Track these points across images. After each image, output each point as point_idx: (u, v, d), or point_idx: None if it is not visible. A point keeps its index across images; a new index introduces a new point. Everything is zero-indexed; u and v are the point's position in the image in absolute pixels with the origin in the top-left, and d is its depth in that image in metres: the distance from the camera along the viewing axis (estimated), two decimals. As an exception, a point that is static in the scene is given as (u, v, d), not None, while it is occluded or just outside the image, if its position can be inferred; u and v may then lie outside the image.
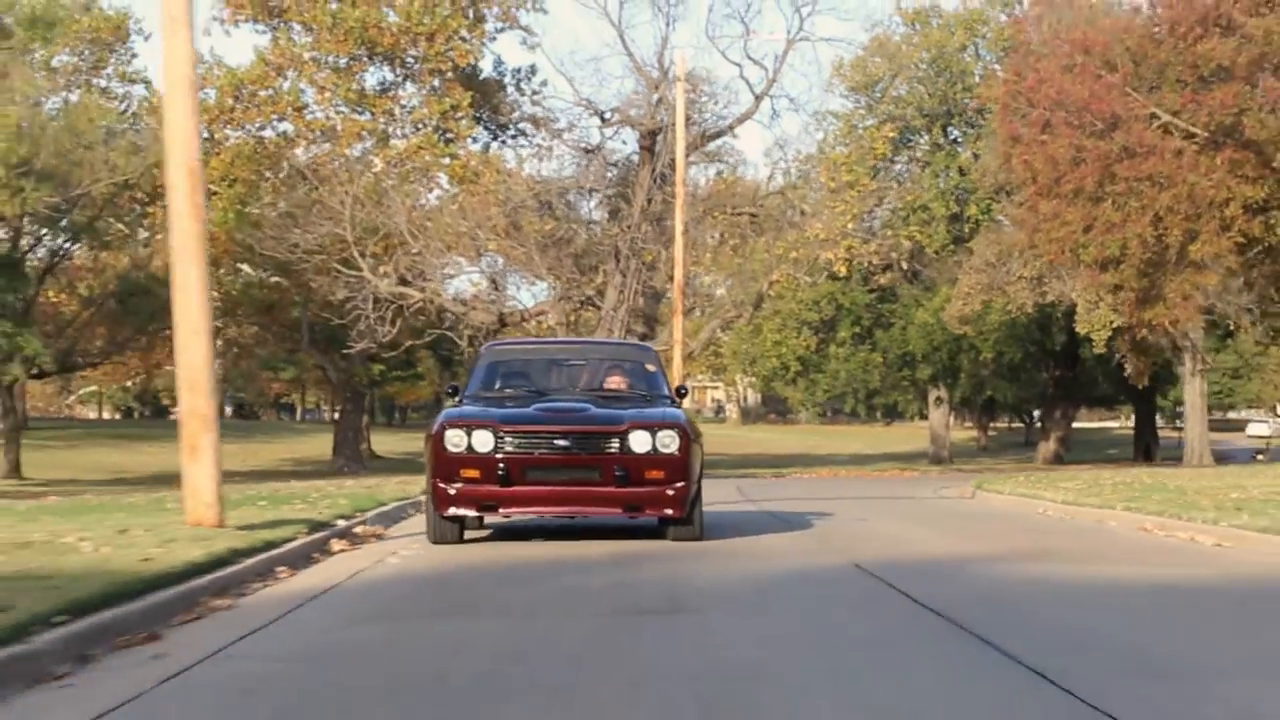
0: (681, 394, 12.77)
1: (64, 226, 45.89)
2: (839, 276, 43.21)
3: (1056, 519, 15.54)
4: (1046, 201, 27.40)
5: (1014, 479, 25.06)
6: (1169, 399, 67.12)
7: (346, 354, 44.18)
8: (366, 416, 64.78)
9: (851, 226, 39.04)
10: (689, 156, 35.84)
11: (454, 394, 12.60)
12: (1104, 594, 8.27)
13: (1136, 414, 59.68)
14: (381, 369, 57.82)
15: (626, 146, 42.13)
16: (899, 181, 51.63)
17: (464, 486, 10.88)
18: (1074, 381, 55.91)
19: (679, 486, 10.93)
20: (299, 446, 68.34)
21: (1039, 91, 27.31)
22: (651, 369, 13.19)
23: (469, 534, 11.76)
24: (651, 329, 42.78)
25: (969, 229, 49.43)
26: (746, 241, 40.57)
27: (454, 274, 43.17)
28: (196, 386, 10.13)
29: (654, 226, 39.32)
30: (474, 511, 11.26)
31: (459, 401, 12.13)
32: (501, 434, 10.87)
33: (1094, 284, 30.17)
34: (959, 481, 26.41)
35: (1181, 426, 52.60)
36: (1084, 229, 26.83)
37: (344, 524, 12.10)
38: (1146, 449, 55.12)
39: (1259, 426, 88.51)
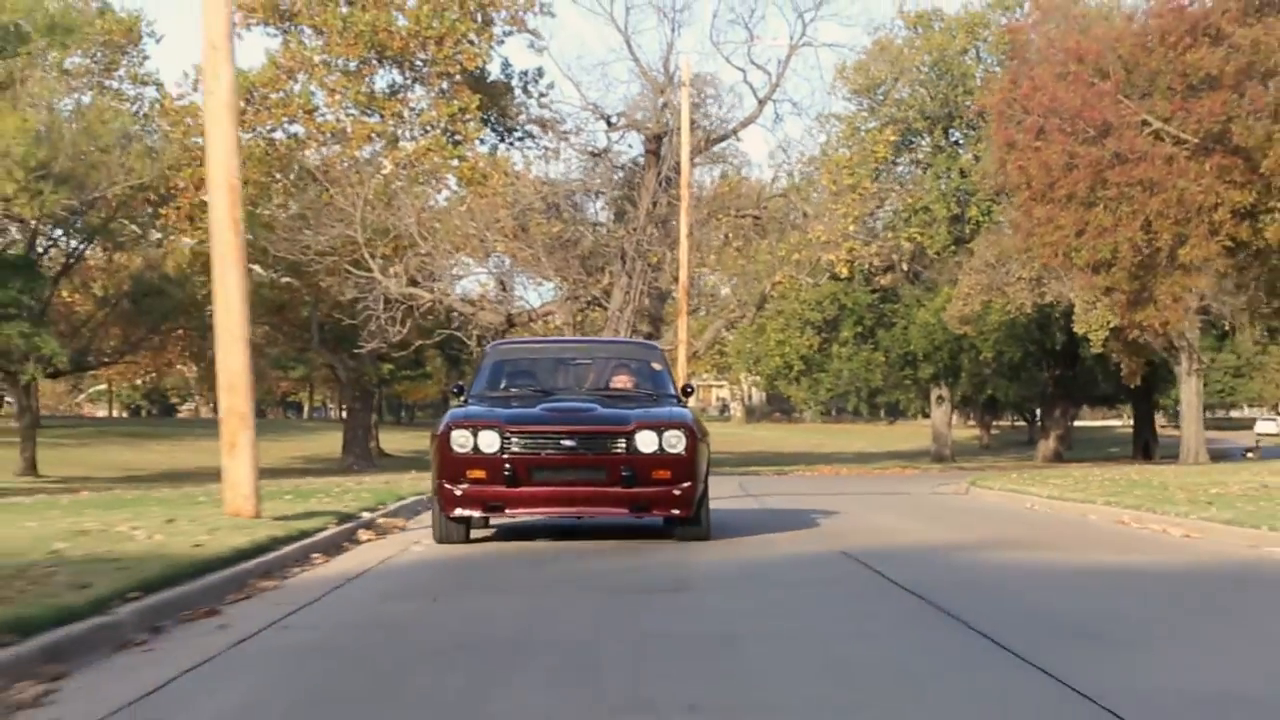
0: (688, 393, 12.66)
1: (78, 228, 46.62)
2: (841, 277, 43.93)
3: (1042, 513, 16.32)
4: (1040, 206, 28.21)
5: (1006, 476, 25.88)
6: (1171, 398, 67.75)
7: (357, 353, 44.82)
8: (375, 415, 65.58)
9: (853, 229, 39.67)
10: (694, 159, 36.53)
11: (459, 393, 12.43)
12: (1066, 577, 9.12)
13: (1135, 413, 60.36)
14: (391, 368, 58.46)
15: (632, 149, 42.75)
16: (901, 183, 52.38)
17: (470, 487, 10.83)
18: (1073, 381, 56.63)
19: (686, 486, 10.83)
20: (308, 444, 68.94)
21: (1033, 99, 28.13)
22: (657, 368, 13.04)
23: (474, 533, 11.81)
24: (657, 329, 43.36)
25: (970, 230, 50.20)
26: (750, 243, 41.22)
27: (462, 275, 43.83)
28: (236, 389, 10.98)
29: (659, 228, 39.91)
30: (480, 512, 11.16)
31: (465, 401, 11.99)
32: (507, 434, 10.78)
33: (1087, 286, 30.96)
34: (957, 479, 27.15)
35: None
36: (1076, 233, 27.64)
37: (368, 516, 12.96)
38: (1145, 447, 55.76)
39: (1267, 424, 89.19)
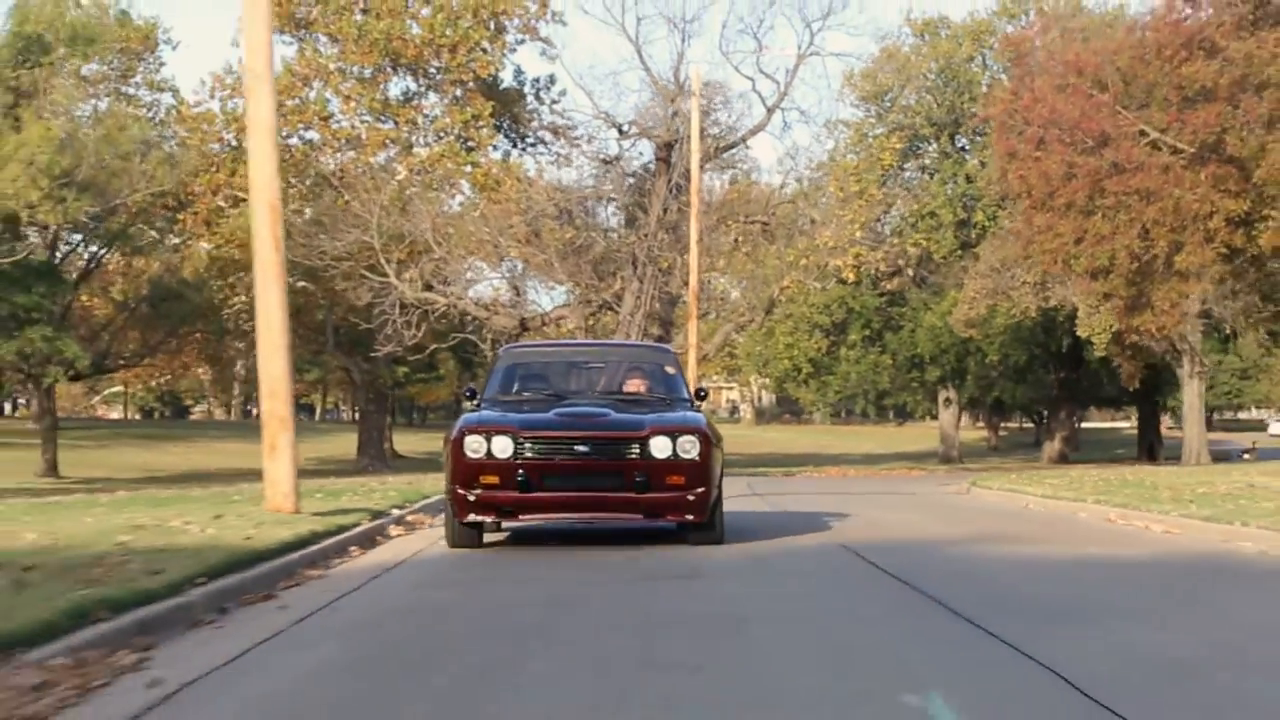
0: (701, 396, 12.58)
1: (98, 233, 47.37)
2: (848, 282, 44.67)
3: (1036, 511, 17.12)
4: (1040, 214, 29.00)
5: (1006, 476, 26.67)
6: (1176, 400, 68.37)
7: (372, 357, 45.53)
8: (388, 417, 66.33)
9: (860, 234, 40.40)
10: (704, 166, 37.26)
11: (472, 397, 12.32)
12: (1045, 567, 9.95)
13: (1140, 415, 61.01)
14: (405, 371, 59.22)
15: (643, 156, 43.51)
16: (907, 188, 53.14)
17: (483, 492, 10.80)
18: (1078, 383, 57.31)
19: (700, 492, 10.82)
20: (322, 446, 69.58)
21: (1034, 110, 28.91)
22: (671, 371, 13.04)
23: (486, 537, 11.80)
24: (667, 332, 44.02)
25: (976, 235, 50.90)
26: (759, 247, 41.93)
27: (476, 279, 44.56)
28: (276, 394, 11.81)
29: (670, 234, 40.58)
30: (493, 517, 11.09)
31: (477, 405, 11.94)
32: (521, 440, 10.77)
33: (1086, 292, 31.74)
34: (961, 479, 27.94)
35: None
36: (1075, 240, 28.42)
37: (397, 513, 13.80)
38: (1150, 449, 56.41)
39: (1278, 425, 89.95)
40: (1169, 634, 6.61)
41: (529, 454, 10.75)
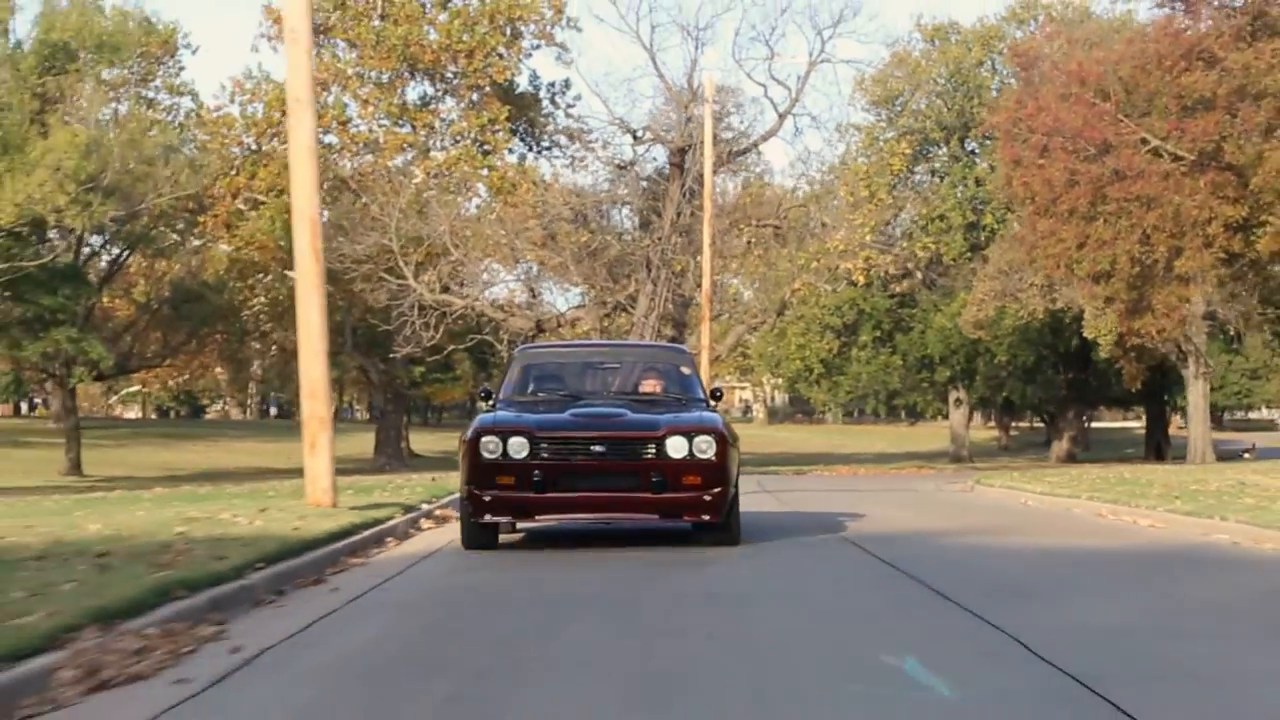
0: (716, 397, 12.53)
1: (121, 236, 48.21)
2: (858, 284, 45.44)
3: (1033, 507, 17.95)
4: (1044, 220, 29.83)
5: (1008, 474, 27.47)
6: (1185, 399, 68.90)
7: (390, 357, 46.28)
8: (405, 416, 67.12)
9: (870, 238, 41.11)
10: (716, 171, 38.02)
11: (487, 397, 12.35)
12: (1027, 555, 10.80)
13: (1148, 415, 61.69)
14: (422, 371, 59.99)
15: (657, 160, 44.26)
16: (917, 192, 53.92)
17: (499, 493, 10.80)
18: (1086, 383, 57.97)
19: (716, 492, 10.80)
20: (338, 445, 70.10)
21: (1037, 119, 29.74)
22: (686, 372, 13.04)
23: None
24: (681, 333, 44.71)
25: (985, 237, 51.69)
26: (771, 250, 42.66)
27: (492, 281, 45.30)
28: (316, 395, 12.68)
29: (683, 237, 41.33)
30: (509, 518, 11.13)
31: (493, 406, 11.97)
32: (537, 441, 10.77)
33: (1088, 296, 32.54)
34: (967, 478, 28.74)
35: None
36: (1078, 245, 29.25)
37: (427, 507, 14.67)
38: (1158, 448, 57.07)
39: None
40: (1116, 608, 7.51)
41: (545, 454, 10.75)
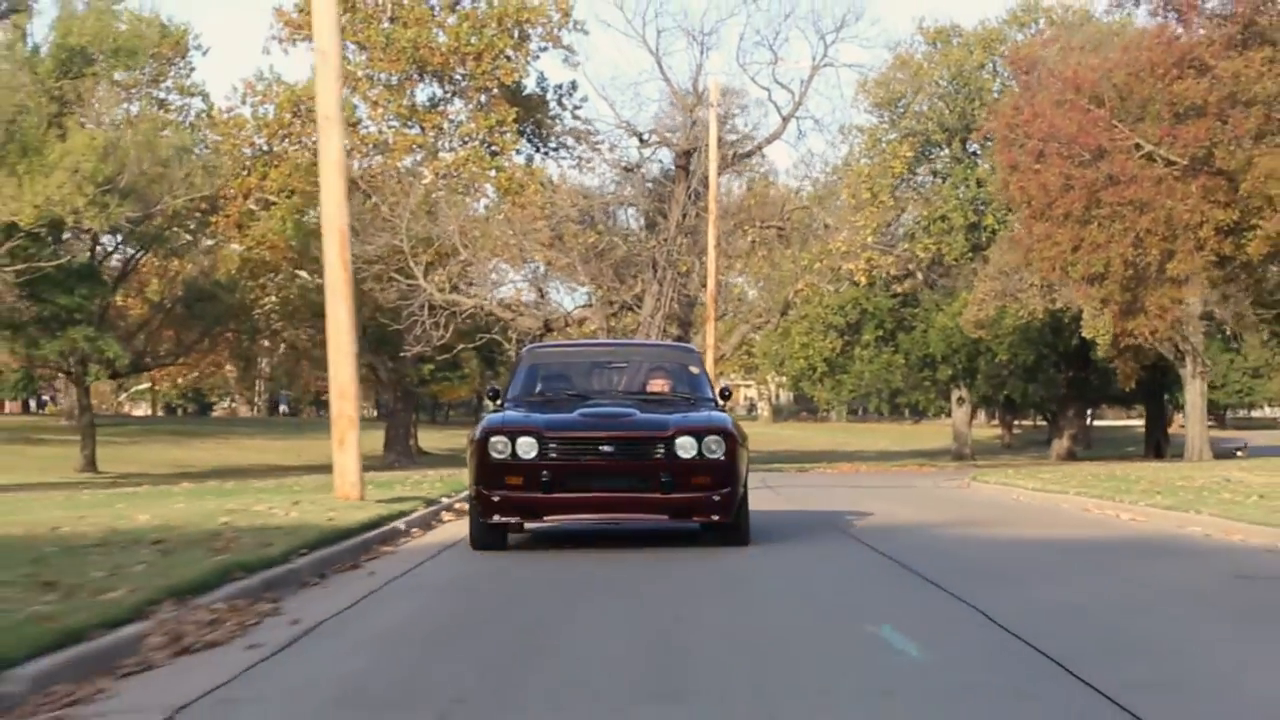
0: (725, 396, 12.42)
1: (136, 235, 48.88)
2: (861, 284, 46.21)
3: (1024, 502, 18.76)
4: (1040, 223, 30.66)
5: (1004, 471, 28.25)
6: (1183, 397, 69.61)
7: (401, 356, 46.95)
8: (413, 414, 67.84)
9: (872, 239, 41.86)
10: (721, 174, 38.80)
11: (495, 396, 12.21)
12: (1006, 544, 11.65)
13: (1148, 413, 62.43)
14: (431, 369, 60.66)
15: (663, 162, 45.02)
16: (919, 193, 54.71)
17: (508, 493, 10.72)
18: (1087, 382, 58.74)
19: (725, 492, 10.71)
20: (347, 442, 70.98)
21: (1034, 125, 30.55)
22: (695, 371, 12.93)
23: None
24: (686, 332, 45.40)
25: (986, 238, 52.46)
26: (774, 250, 43.41)
27: (500, 281, 46.01)
28: (345, 395, 13.51)
29: (688, 238, 42.10)
30: (518, 518, 11.00)
31: (500, 405, 11.85)
32: (546, 441, 10.71)
33: (1083, 297, 33.37)
34: (966, 475, 29.51)
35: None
36: (1072, 248, 30.07)
37: (447, 500, 15.51)
38: (1157, 446, 57.83)
39: None
40: (1075, 589, 8.35)
41: (553, 454, 10.70)
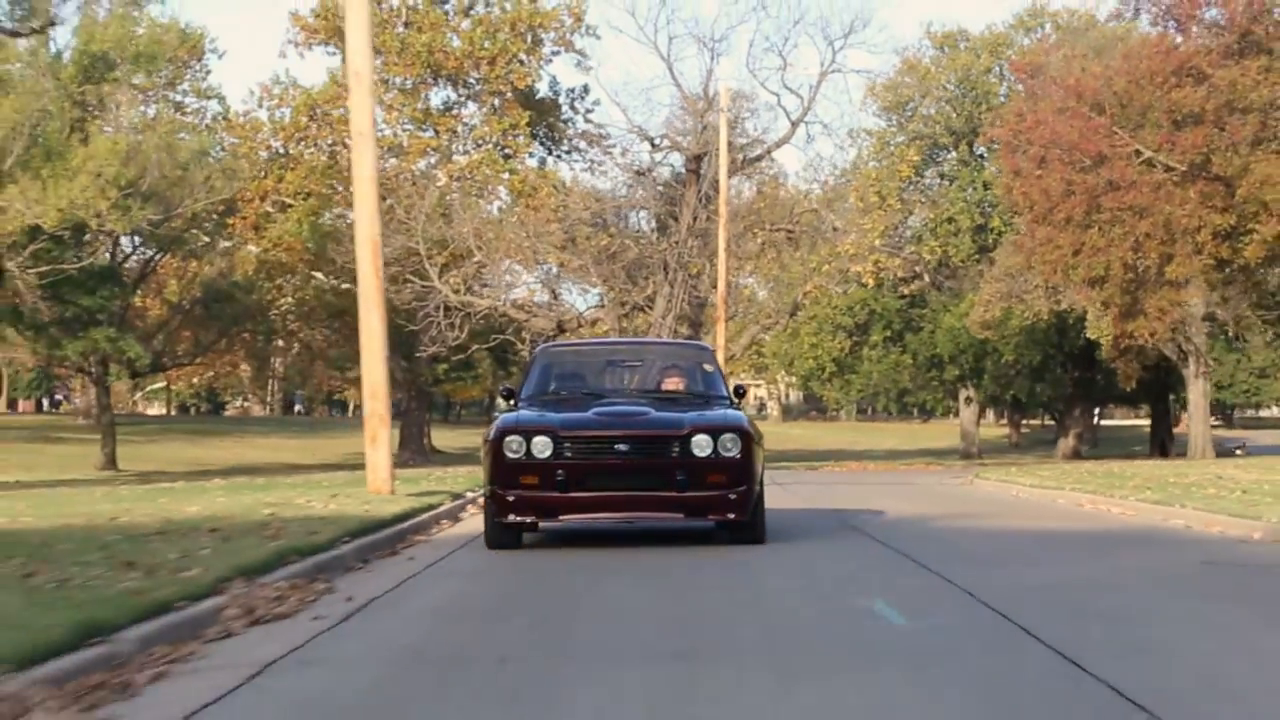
0: (740, 394, 12.43)
1: (156, 237, 49.68)
2: (869, 286, 46.97)
3: (1022, 497, 19.54)
4: (1042, 228, 31.45)
5: (1005, 469, 29.04)
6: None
7: (416, 356, 47.69)
8: (426, 413, 68.73)
9: (880, 242, 42.59)
10: (730, 176, 39.58)
11: (509, 396, 12.28)
12: (997, 535, 12.50)
13: (1153, 413, 63.04)
14: (445, 368, 61.40)
15: (674, 166, 45.78)
16: (926, 195, 55.43)
17: (523, 493, 10.73)
18: (1093, 382, 59.37)
19: (741, 490, 10.73)
20: (360, 442, 71.74)
21: (1036, 132, 31.33)
22: (709, 369, 12.93)
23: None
24: (697, 333, 46.06)
25: (993, 239, 53.11)
26: (784, 252, 44.18)
27: (514, 282, 46.74)
28: (377, 395, 14.36)
29: (699, 240, 42.85)
30: (533, 518, 10.99)
31: (515, 404, 11.90)
32: (561, 440, 10.72)
33: (1084, 300, 34.15)
34: (969, 472, 30.26)
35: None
36: (1073, 252, 30.85)
37: (471, 495, 16.34)
38: (1162, 445, 58.43)
39: None
40: (1060, 571, 9.23)
41: (569, 454, 10.72)
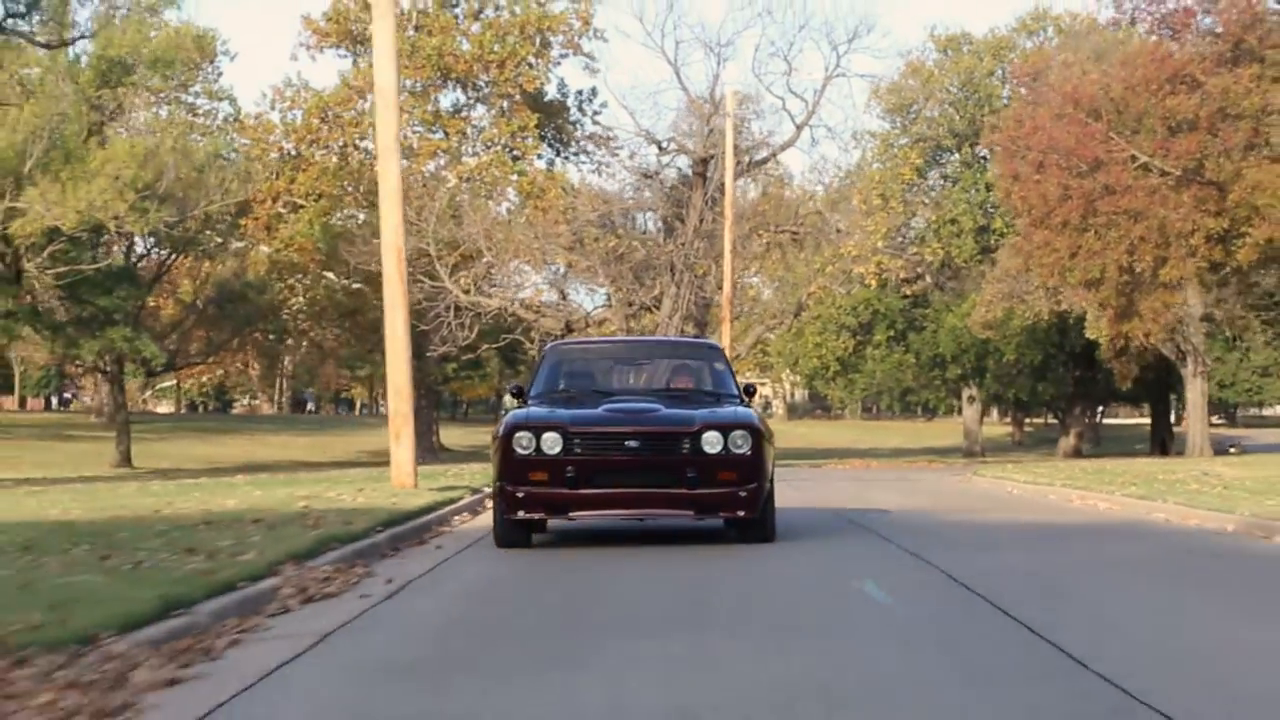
0: (750, 393, 12.40)
1: (171, 238, 50.44)
2: (872, 287, 47.69)
3: (1015, 494, 20.32)
4: (1039, 231, 32.24)
5: (1003, 467, 29.83)
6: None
7: (427, 355, 48.37)
8: (435, 411, 69.43)
9: (883, 243, 43.29)
10: (736, 179, 40.30)
11: (518, 394, 12.33)
12: (991, 527, 13.30)
13: (1153, 411, 63.71)
14: (454, 367, 62.16)
15: (681, 168, 46.41)
16: (929, 197, 56.19)
17: (532, 490, 10.72)
18: (1094, 381, 60.02)
19: (751, 488, 10.72)
20: (369, 440, 72.05)
21: (1034, 137, 32.12)
22: (719, 367, 12.88)
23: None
24: (703, 332, 46.61)
25: (995, 240, 53.84)
26: (788, 253, 44.89)
27: (523, 283, 47.42)
28: (401, 394, 15.16)
29: (705, 242, 43.54)
30: (542, 515, 11.00)
31: (524, 402, 11.90)
32: (570, 436, 10.69)
33: (1080, 301, 34.93)
34: (968, 470, 31.05)
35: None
36: (1070, 255, 31.64)
37: (489, 490, 17.01)
38: (1162, 443, 59.11)
39: None
40: (1035, 559, 10.04)
41: (578, 450, 10.69)
